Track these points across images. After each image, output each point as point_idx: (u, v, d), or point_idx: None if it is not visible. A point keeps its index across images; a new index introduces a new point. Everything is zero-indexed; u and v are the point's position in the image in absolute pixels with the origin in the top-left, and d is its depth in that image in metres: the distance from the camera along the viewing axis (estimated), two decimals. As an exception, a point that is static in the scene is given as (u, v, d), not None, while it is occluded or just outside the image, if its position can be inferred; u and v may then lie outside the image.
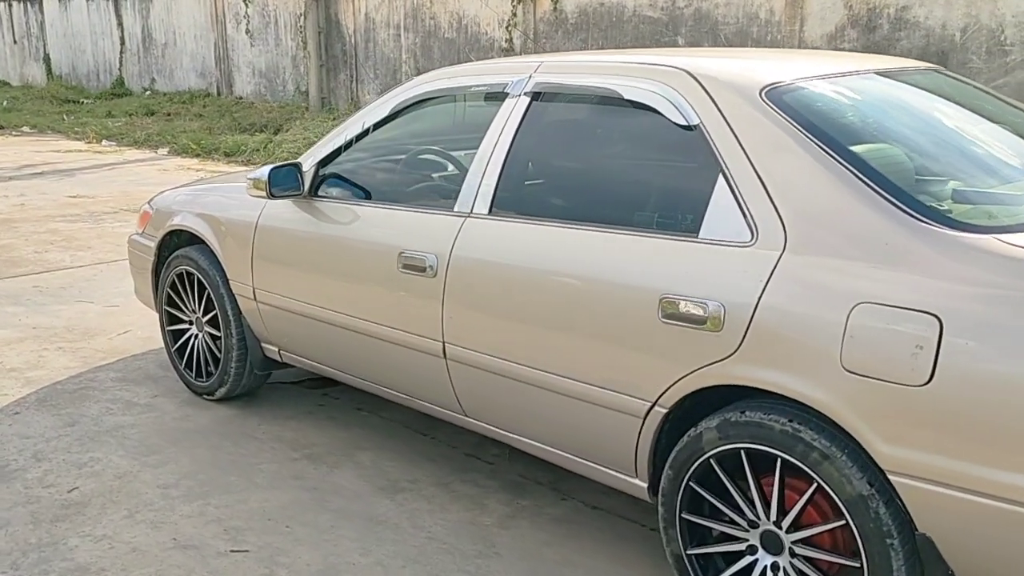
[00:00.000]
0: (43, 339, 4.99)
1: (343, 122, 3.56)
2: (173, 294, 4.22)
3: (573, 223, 2.68)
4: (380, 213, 3.25)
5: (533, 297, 2.71)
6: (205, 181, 4.66)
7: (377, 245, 3.20)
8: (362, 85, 14.59)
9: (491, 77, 3.07)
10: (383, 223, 3.22)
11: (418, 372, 3.15)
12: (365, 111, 3.45)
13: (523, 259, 2.76)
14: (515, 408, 2.88)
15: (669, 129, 2.56)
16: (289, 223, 3.55)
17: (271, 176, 3.41)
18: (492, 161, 2.93)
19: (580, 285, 2.60)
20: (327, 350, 3.54)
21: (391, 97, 3.36)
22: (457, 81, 3.19)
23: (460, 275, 2.91)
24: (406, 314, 3.11)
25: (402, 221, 3.16)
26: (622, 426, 2.56)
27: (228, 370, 3.98)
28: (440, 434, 3.79)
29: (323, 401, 4.17)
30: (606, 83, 2.73)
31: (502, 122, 2.95)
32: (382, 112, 3.36)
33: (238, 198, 3.87)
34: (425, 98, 3.27)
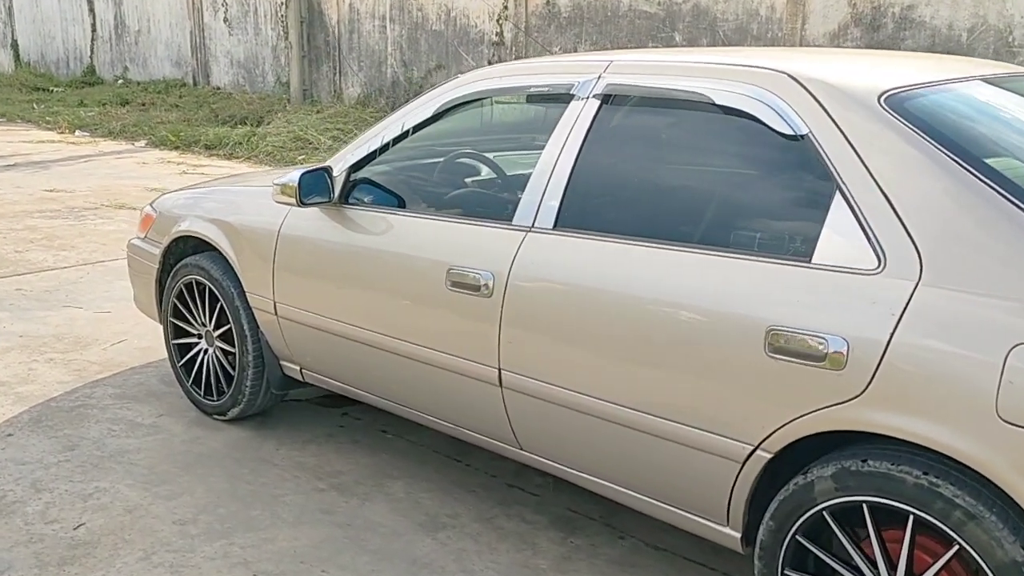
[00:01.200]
0: (31, 349, 4.64)
1: (378, 123, 3.26)
2: (180, 305, 3.90)
3: (656, 242, 2.41)
4: (424, 224, 2.96)
5: (611, 324, 2.43)
6: (213, 182, 4.34)
7: (421, 260, 2.91)
8: (345, 77, 14.23)
9: (553, 77, 2.79)
10: (428, 236, 2.93)
11: (466, 400, 2.87)
12: (403, 112, 3.15)
13: (598, 280, 2.48)
14: (582, 444, 2.61)
15: (771, 139, 2.30)
16: (317, 232, 3.25)
17: (302, 182, 3.11)
18: (557, 171, 2.65)
19: (669, 312, 2.32)
20: (358, 371, 3.24)
21: (434, 97, 3.07)
22: (512, 81, 2.90)
23: (521, 296, 2.63)
24: (455, 337, 2.82)
25: (450, 234, 2.87)
26: (715, 470, 2.30)
27: (243, 389, 3.67)
28: (474, 460, 3.51)
29: (343, 422, 3.87)
30: (693, 86, 2.46)
31: (567, 127, 2.67)
32: (424, 113, 3.07)
33: (256, 202, 3.56)
34: (473, 99, 2.98)
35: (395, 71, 13.49)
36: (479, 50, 12.39)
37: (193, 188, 4.18)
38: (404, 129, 3.11)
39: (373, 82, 13.83)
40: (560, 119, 2.70)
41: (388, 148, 3.16)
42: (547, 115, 2.80)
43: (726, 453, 2.26)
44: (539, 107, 2.85)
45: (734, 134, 2.42)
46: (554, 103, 2.75)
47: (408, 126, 3.09)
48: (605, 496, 2.69)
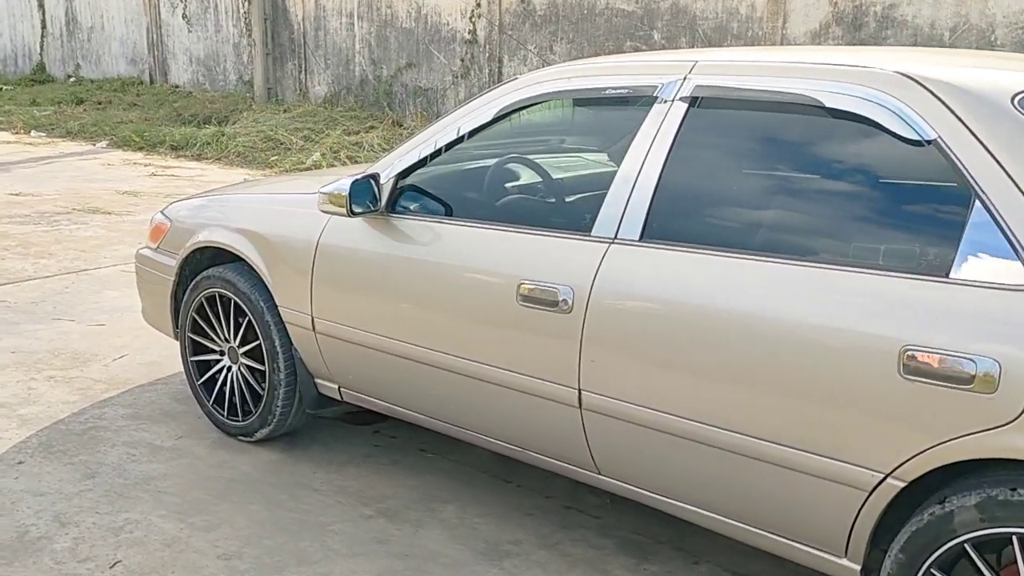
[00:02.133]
0: (27, 366, 4.36)
1: (426, 128, 3.07)
2: (200, 320, 3.66)
3: (763, 255, 2.26)
4: (488, 235, 2.78)
5: (714, 342, 2.28)
6: (228, 189, 4.10)
7: (486, 273, 2.73)
8: (311, 76, 13.92)
9: (632, 78, 2.63)
10: (494, 247, 2.75)
11: (538, 421, 2.70)
12: (458, 115, 2.96)
13: (698, 296, 2.32)
14: (676, 470, 2.46)
15: (891, 145, 2.16)
16: (363, 243, 3.05)
17: (353, 191, 2.91)
18: (642, 178, 2.49)
19: (782, 331, 2.18)
20: (409, 391, 3.05)
21: (493, 99, 2.88)
22: (584, 82, 2.73)
23: (605, 312, 2.47)
24: (526, 355, 2.65)
25: (520, 246, 2.69)
26: (836, 499, 2.16)
27: (273, 409, 3.45)
28: (524, 480, 3.34)
29: (378, 441, 3.67)
30: (797, 88, 2.31)
31: (651, 132, 2.51)
32: (482, 116, 2.88)
33: (289, 210, 3.35)
34: (539, 101, 2.80)
35: (364, 69, 13.22)
36: (451, 48, 12.19)
37: (207, 195, 3.95)
38: (459, 134, 2.92)
39: (341, 80, 13.54)
40: (642, 124, 2.54)
41: (441, 154, 2.97)
42: (623, 119, 2.64)
43: (850, 481, 2.12)
44: (621, 110, 2.68)
45: (848, 140, 2.28)
46: (636, 106, 2.59)
47: (464, 130, 2.91)
48: (700, 524, 2.53)
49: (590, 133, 2.83)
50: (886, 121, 2.16)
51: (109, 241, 6.82)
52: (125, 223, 7.47)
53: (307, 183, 3.86)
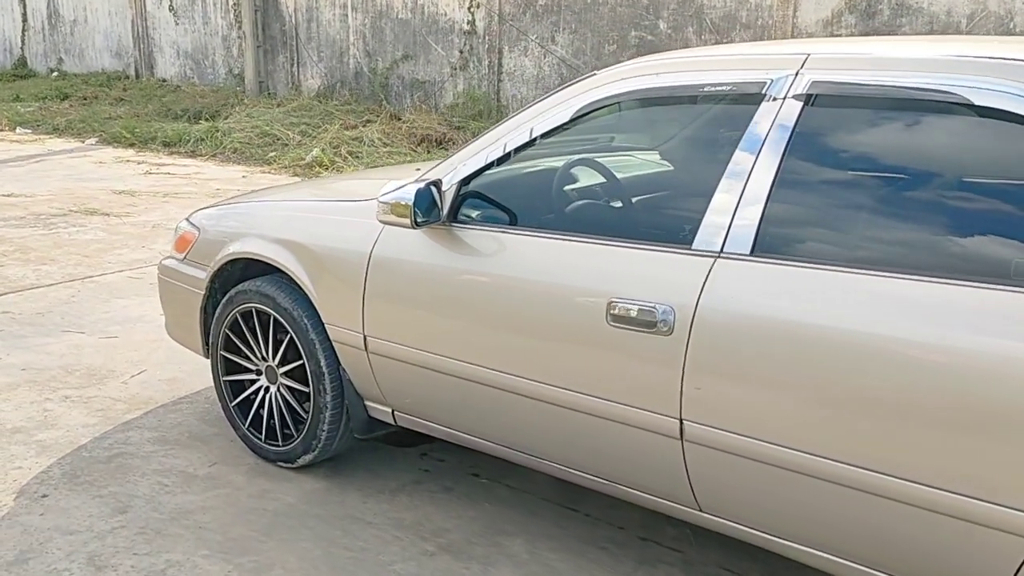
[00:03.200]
0: (40, 385, 4.08)
1: (490, 130, 2.81)
2: (234, 337, 3.40)
3: (901, 272, 2.02)
4: (571, 248, 2.53)
5: (854, 372, 2.04)
6: (258, 195, 3.82)
7: (571, 290, 2.48)
8: (304, 68, 13.61)
9: (734, 73, 2.38)
10: (578, 262, 2.50)
11: (629, 453, 2.46)
12: (529, 115, 2.71)
13: (821, 318, 2.09)
14: (794, 508, 2.22)
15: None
16: (423, 256, 2.80)
17: (418, 199, 2.65)
18: (751, 186, 2.25)
19: (930, 359, 1.94)
20: (476, 417, 2.80)
21: (570, 97, 2.63)
22: (675, 79, 2.48)
23: (713, 335, 2.23)
24: (618, 381, 2.41)
25: (609, 260, 2.44)
26: (995, 547, 1.92)
27: (317, 434, 3.19)
28: (590, 508, 3.11)
29: (426, 465, 3.42)
30: (938, 84, 2.07)
31: (760, 134, 2.27)
32: (558, 117, 2.63)
33: (336, 219, 3.09)
34: (623, 100, 2.55)
35: (358, 62, 12.92)
36: (449, 39, 11.91)
37: (236, 202, 3.68)
38: (532, 135, 2.66)
39: (334, 73, 13.24)
40: (749, 124, 2.29)
41: (508, 158, 2.72)
42: (728, 119, 2.39)
43: (1018, 529, 1.89)
44: (721, 109, 2.44)
45: (1000, 141, 2.04)
46: (739, 104, 2.35)
47: (537, 132, 2.66)
48: (815, 566, 2.30)
49: (674, 135, 2.58)
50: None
51: (111, 245, 6.52)
52: (125, 225, 7.16)
53: (347, 188, 3.61)
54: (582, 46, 10.79)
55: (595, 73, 2.66)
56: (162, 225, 7.15)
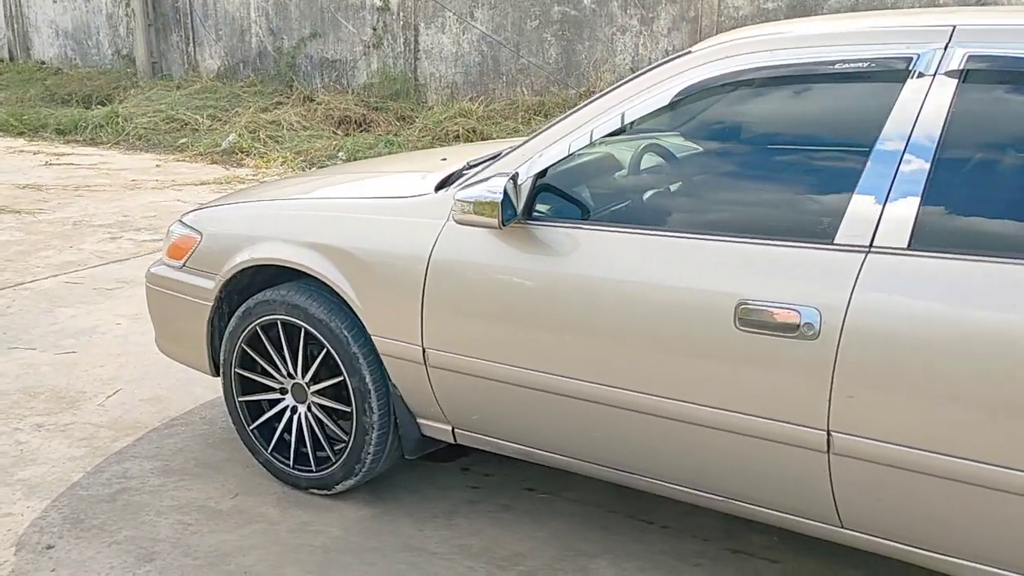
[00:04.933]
0: (3, 413, 3.60)
1: (568, 115, 2.54)
2: (253, 353, 3.03)
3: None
4: (686, 245, 2.29)
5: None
6: (268, 189, 3.43)
7: (689, 292, 2.25)
8: (201, 48, 12.86)
9: (868, 48, 2.17)
10: (697, 260, 2.26)
11: (764, 469, 2.25)
12: (615, 99, 2.44)
13: (1002, 317, 1.91)
14: (961, 520, 2.05)
15: None
16: (500, 259, 2.51)
17: (505, 195, 2.37)
18: (904, 172, 2.06)
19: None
20: (569, 435, 2.54)
21: (666, 77, 2.38)
22: (797, 55, 2.24)
23: (868, 338, 2.03)
24: (749, 391, 2.19)
25: (734, 257, 2.22)
26: None
27: (362, 457, 2.88)
28: (663, 518, 2.91)
29: (473, 481, 3.14)
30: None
31: (910, 114, 2.07)
32: (655, 100, 2.37)
33: (383, 219, 2.77)
34: (732, 80, 2.31)
35: (262, 40, 12.28)
36: (360, 16, 11.42)
37: (241, 201, 3.29)
38: (624, 121, 2.40)
39: (235, 53, 12.55)
40: (895, 104, 2.09)
41: (593, 147, 2.46)
42: (861, 99, 2.20)
43: None
44: (855, 88, 2.22)
45: None
46: (879, 82, 2.15)
47: (630, 118, 2.40)
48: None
49: (794, 118, 2.35)
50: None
51: (33, 246, 5.93)
52: (41, 223, 6.55)
53: (376, 183, 3.27)
54: (503, 22, 10.49)
55: (690, 50, 2.42)
56: (84, 222, 6.56)
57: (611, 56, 9.87)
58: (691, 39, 9.45)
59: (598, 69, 9.87)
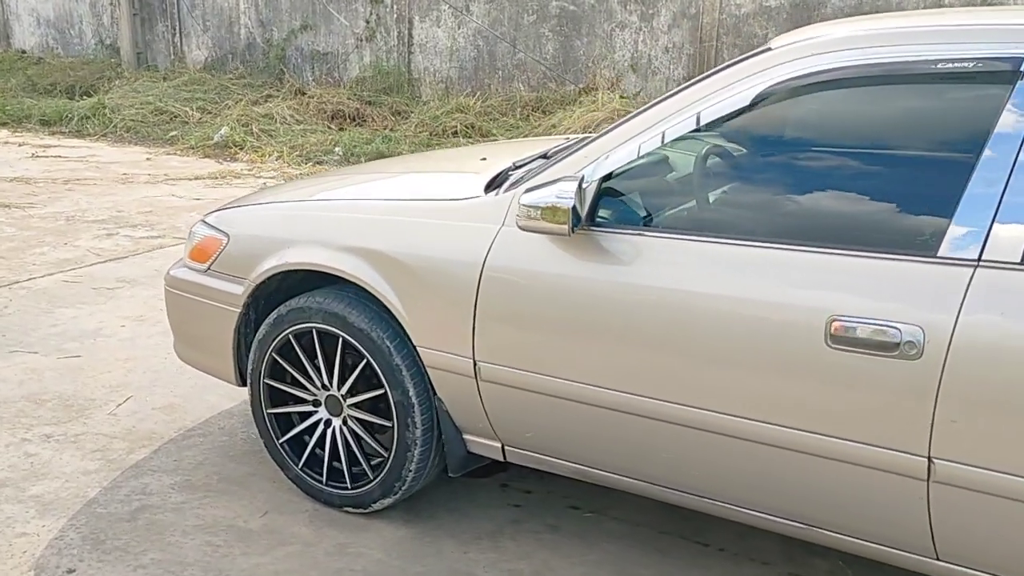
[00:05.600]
0: (7, 422, 3.40)
1: (636, 115, 2.38)
2: (284, 362, 2.86)
3: None
4: (770, 257, 2.14)
5: None
6: (292, 189, 3.26)
7: (774, 307, 2.10)
8: (188, 39, 12.60)
9: (972, 47, 2.02)
10: (782, 273, 2.11)
11: (853, 496, 2.11)
12: (691, 96, 2.29)
13: None
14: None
15: None
16: (564, 268, 2.35)
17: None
18: (1015, 181, 1.92)
19: None
20: (635, 455, 2.39)
21: (745, 75, 2.22)
22: (893, 53, 2.09)
23: (979, 359, 1.90)
24: (839, 412, 2.05)
25: (825, 270, 2.07)
26: None
27: (403, 475, 2.71)
28: (718, 539, 2.77)
29: (513, 498, 2.99)
30: None
31: (1022, 119, 1.93)
32: (734, 100, 2.22)
33: (430, 223, 2.60)
34: (817, 80, 2.15)
35: (251, 32, 12.04)
36: (353, 8, 11.21)
37: (271, 201, 3.11)
38: (700, 123, 2.25)
39: (223, 44, 12.30)
40: (1004, 107, 1.95)
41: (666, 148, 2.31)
42: (964, 101, 2.06)
43: None
44: (956, 89, 2.08)
45: None
46: (979, 84, 2.01)
47: (707, 119, 2.24)
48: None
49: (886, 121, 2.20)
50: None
51: (26, 243, 5.71)
52: (33, 218, 6.32)
53: (416, 182, 3.10)
54: (499, 16, 10.32)
55: (769, 47, 2.27)
56: (77, 217, 6.34)
57: (610, 52, 9.72)
58: (692, 36, 9.34)
59: (597, 65, 9.72)
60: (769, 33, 8.93)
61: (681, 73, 9.45)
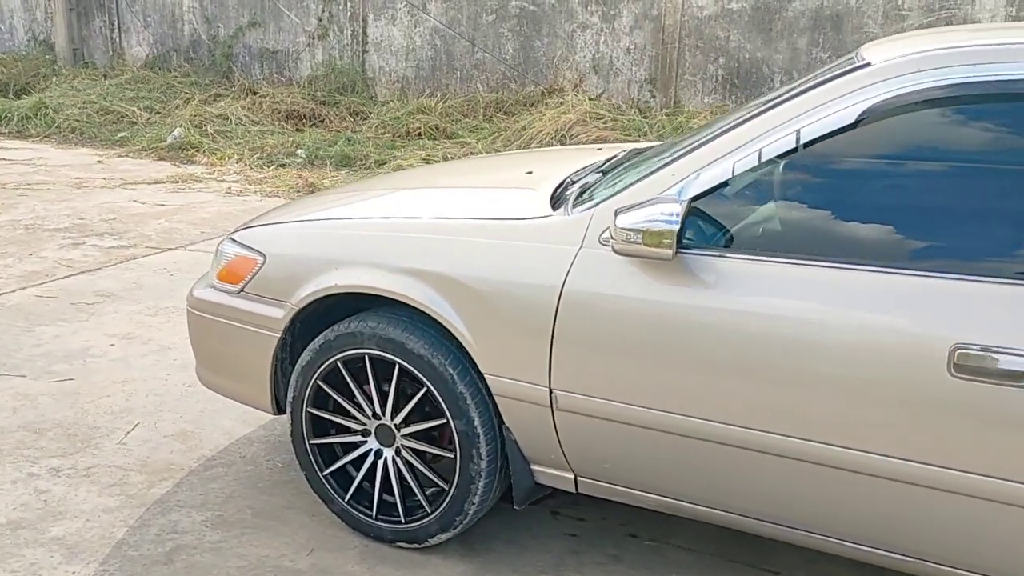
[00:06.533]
0: (9, 455, 3.16)
1: (718, 133, 2.28)
2: (330, 390, 2.69)
3: None
4: (884, 282, 2.05)
5: None
6: (326, 202, 3.08)
7: (892, 333, 2.01)
8: (127, 35, 12.16)
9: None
10: (897, 298, 2.03)
11: (974, 529, 2.04)
12: (789, 112, 2.18)
13: None
14: None
15: None
16: (650, 291, 2.23)
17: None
18: None
19: None
20: (730, 487, 2.28)
21: (842, 93, 2.12)
22: (1008, 70, 2.02)
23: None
24: (964, 444, 1.98)
25: (948, 295, 1.99)
26: None
27: (464, 508, 2.57)
28: (786, 565, 2.69)
29: (568, 527, 2.86)
30: None
31: None
32: (835, 119, 2.12)
33: (498, 244, 2.46)
34: (928, 98, 2.07)
35: (195, 28, 11.66)
36: (304, 5, 10.93)
37: (308, 215, 2.93)
38: (798, 142, 2.16)
39: (165, 41, 11.89)
40: None
41: (765, 166, 2.20)
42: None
43: None
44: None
45: None
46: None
47: (806, 136, 2.15)
48: None
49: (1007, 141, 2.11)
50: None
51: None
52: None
53: (470, 198, 2.95)
54: (457, 15, 10.15)
55: (868, 62, 2.17)
56: (37, 226, 6.01)
57: (571, 53, 9.64)
58: (654, 38, 9.30)
59: (559, 66, 9.63)
60: (731, 36, 8.96)
61: (643, 75, 9.42)
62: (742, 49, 8.99)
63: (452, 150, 7.99)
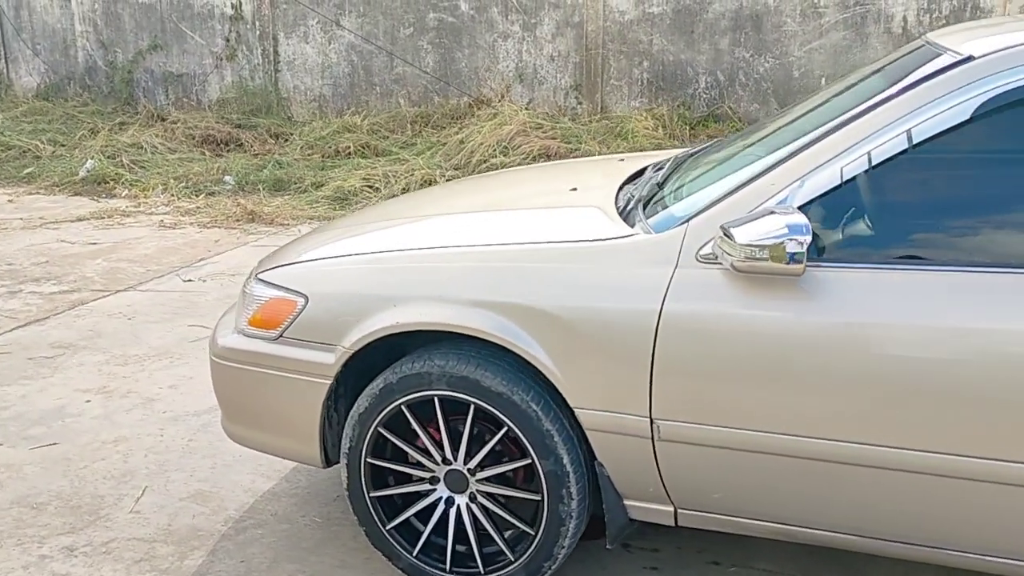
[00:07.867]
0: (11, 536, 2.82)
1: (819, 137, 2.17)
2: (393, 436, 2.48)
3: None
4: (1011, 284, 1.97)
5: None
6: (363, 227, 2.85)
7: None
8: (15, 64, 11.49)
9: None
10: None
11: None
12: (893, 112, 2.08)
13: None
14: None
15: None
16: (764, 308, 2.11)
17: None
18: None
19: None
20: (855, 509, 2.17)
21: (949, 89, 2.05)
22: None
23: None
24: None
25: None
26: None
27: (554, 552, 2.40)
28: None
29: (644, 560, 2.71)
30: None
31: None
32: (946, 116, 2.04)
33: (579, 268, 2.30)
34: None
35: (90, 54, 11.09)
36: (209, 26, 10.50)
37: (343, 250, 2.72)
38: (911, 141, 2.06)
39: (58, 69, 11.27)
40: None
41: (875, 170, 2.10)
42: None
43: None
44: None
45: None
46: None
47: (919, 136, 2.06)
48: None
49: None
50: None
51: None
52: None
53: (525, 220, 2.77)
54: (373, 30, 9.90)
55: (970, 55, 2.09)
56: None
57: (494, 63, 9.51)
58: (577, 44, 9.24)
59: (483, 77, 9.49)
60: (654, 39, 8.98)
61: (568, 81, 9.35)
62: (666, 52, 9.01)
63: (390, 167, 7.74)
